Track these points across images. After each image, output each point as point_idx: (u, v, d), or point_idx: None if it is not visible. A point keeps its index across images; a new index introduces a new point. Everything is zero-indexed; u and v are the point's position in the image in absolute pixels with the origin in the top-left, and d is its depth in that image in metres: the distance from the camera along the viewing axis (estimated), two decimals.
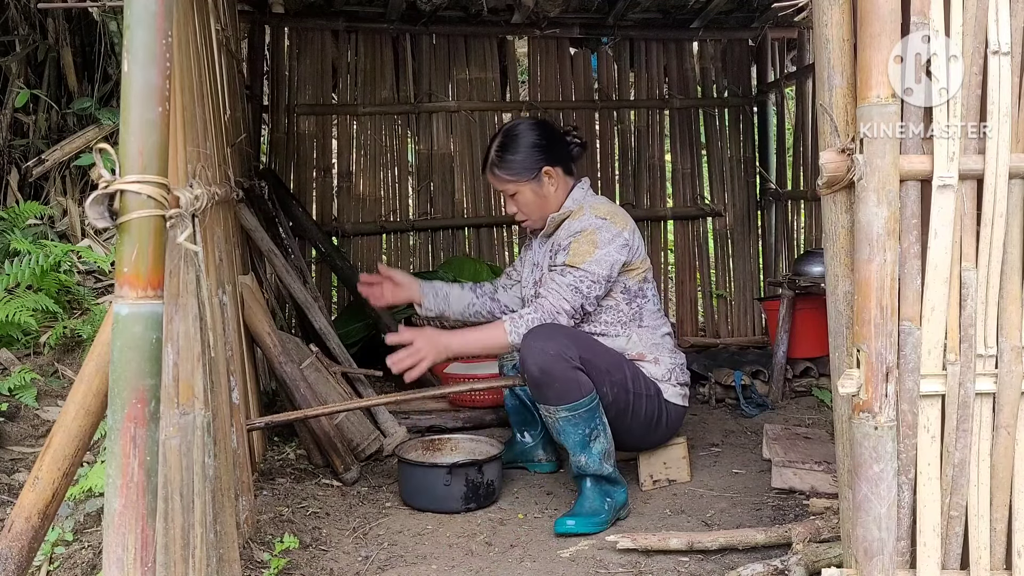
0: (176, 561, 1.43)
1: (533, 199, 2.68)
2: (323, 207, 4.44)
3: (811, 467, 2.65)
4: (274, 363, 2.86)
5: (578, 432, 2.42)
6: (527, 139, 2.66)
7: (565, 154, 2.73)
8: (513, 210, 2.75)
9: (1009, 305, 1.59)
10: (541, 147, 2.66)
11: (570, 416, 2.41)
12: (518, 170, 2.65)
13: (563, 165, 2.70)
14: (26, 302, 2.94)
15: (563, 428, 2.43)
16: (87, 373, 1.52)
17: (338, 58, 4.45)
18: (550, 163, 2.65)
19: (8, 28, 4.18)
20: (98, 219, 1.24)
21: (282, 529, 2.37)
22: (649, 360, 2.63)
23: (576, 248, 2.54)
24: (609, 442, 2.47)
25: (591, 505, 2.44)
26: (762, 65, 4.92)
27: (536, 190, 2.67)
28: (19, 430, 2.75)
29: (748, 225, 4.91)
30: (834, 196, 1.62)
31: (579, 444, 2.43)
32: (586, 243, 2.54)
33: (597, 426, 2.44)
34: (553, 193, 2.67)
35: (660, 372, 2.63)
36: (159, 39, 1.26)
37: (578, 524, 2.39)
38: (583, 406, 2.41)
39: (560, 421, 2.42)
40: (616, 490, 2.50)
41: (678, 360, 2.71)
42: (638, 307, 2.65)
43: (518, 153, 2.65)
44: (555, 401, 2.40)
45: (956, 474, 1.59)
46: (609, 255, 2.54)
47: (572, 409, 2.40)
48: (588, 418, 2.42)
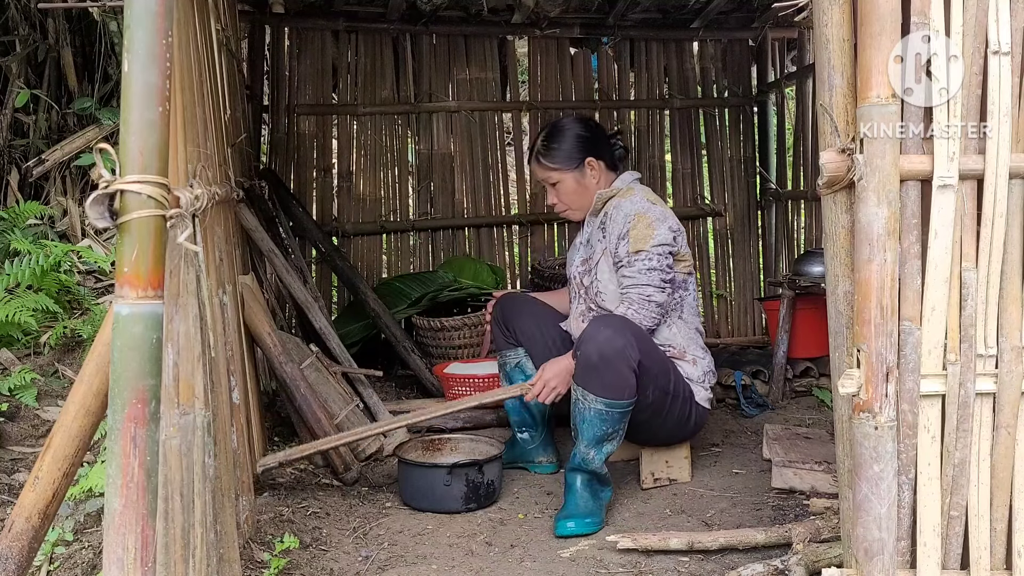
0: (176, 561, 1.43)
1: (574, 188, 2.78)
2: (323, 207, 4.44)
3: (811, 467, 2.65)
4: (274, 363, 2.86)
5: (602, 428, 2.44)
6: (572, 130, 2.79)
7: (608, 151, 2.83)
8: (553, 200, 2.85)
9: (1009, 305, 1.59)
10: (585, 139, 2.78)
11: (603, 411, 2.42)
12: (562, 159, 2.77)
13: (606, 160, 2.80)
14: (26, 302, 2.94)
15: (590, 418, 2.44)
16: (87, 373, 1.52)
17: (338, 58, 4.44)
18: (594, 155, 2.76)
19: (8, 28, 4.18)
20: (98, 219, 1.24)
21: (282, 529, 2.37)
22: (688, 360, 2.68)
23: (636, 234, 2.61)
24: (617, 446, 2.50)
25: (585, 505, 2.45)
26: (762, 65, 4.92)
27: (578, 179, 2.77)
28: (19, 430, 2.75)
29: (748, 225, 4.91)
30: (834, 196, 1.62)
31: (595, 438, 2.45)
32: (643, 227, 2.62)
33: (619, 429, 2.47)
34: (594, 185, 2.78)
35: (696, 374, 2.68)
36: (159, 39, 1.26)
37: (577, 525, 2.40)
38: (620, 407, 2.43)
39: (591, 411, 2.43)
40: (604, 489, 2.53)
41: (710, 362, 2.77)
42: (680, 298, 2.71)
43: (564, 143, 2.77)
44: (599, 391, 2.41)
45: (956, 474, 1.59)
46: (668, 233, 2.63)
47: (610, 405, 2.42)
48: (618, 419, 2.45)
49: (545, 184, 2.87)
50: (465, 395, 3.42)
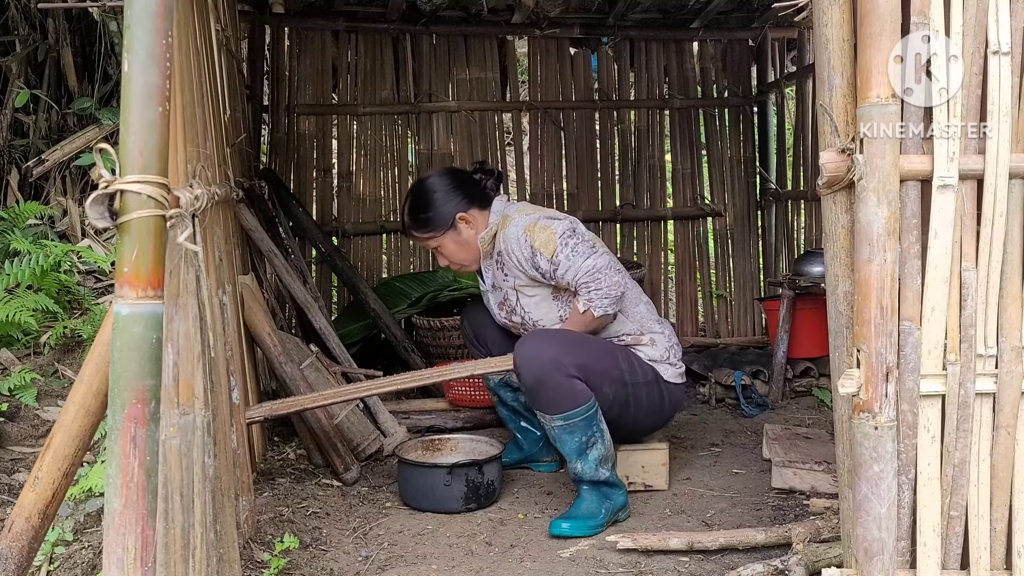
0: (176, 561, 1.43)
1: (456, 248, 2.70)
2: (323, 207, 4.44)
3: (811, 467, 2.65)
4: (274, 363, 2.86)
5: (574, 440, 2.42)
6: (436, 192, 2.67)
7: (478, 192, 2.72)
8: (444, 262, 2.77)
9: (1009, 305, 1.59)
10: (449, 195, 2.66)
11: (566, 424, 2.40)
12: (434, 225, 2.66)
13: (478, 204, 2.69)
14: (26, 302, 2.94)
15: (559, 436, 2.43)
16: (87, 373, 1.52)
17: (338, 58, 4.44)
18: (463, 208, 2.66)
19: (8, 28, 4.18)
20: (98, 219, 1.24)
21: (282, 529, 2.37)
22: (646, 342, 2.63)
23: (540, 243, 2.53)
24: (607, 447, 2.47)
25: (587, 508, 2.43)
26: (762, 65, 4.91)
27: (456, 239, 2.68)
28: (19, 430, 2.75)
29: (748, 225, 4.91)
30: (834, 196, 1.62)
31: (575, 451, 2.43)
32: (540, 232, 2.55)
33: (595, 433, 2.44)
34: (474, 235, 2.68)
35: (658, 353, 2.63)
36: (159, 39, 1.26)
37: (572, 527, 2.39)
38: (579, 415, 2.40)
39: (556, 429, 2.42)
40: (615, 492, 2.49)
41: (670, 334, 2.70)
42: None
43: (430, 209, 2.66)
44: (551, 409, 2.40)
45: (956, 474, 1.59)
46: (563, 224, 2.56)
47: (567, 418, 2.40)
48: (585, 426, 2.41)
49: (428, 248, 2.78)
50: (466, 395, 3.43)
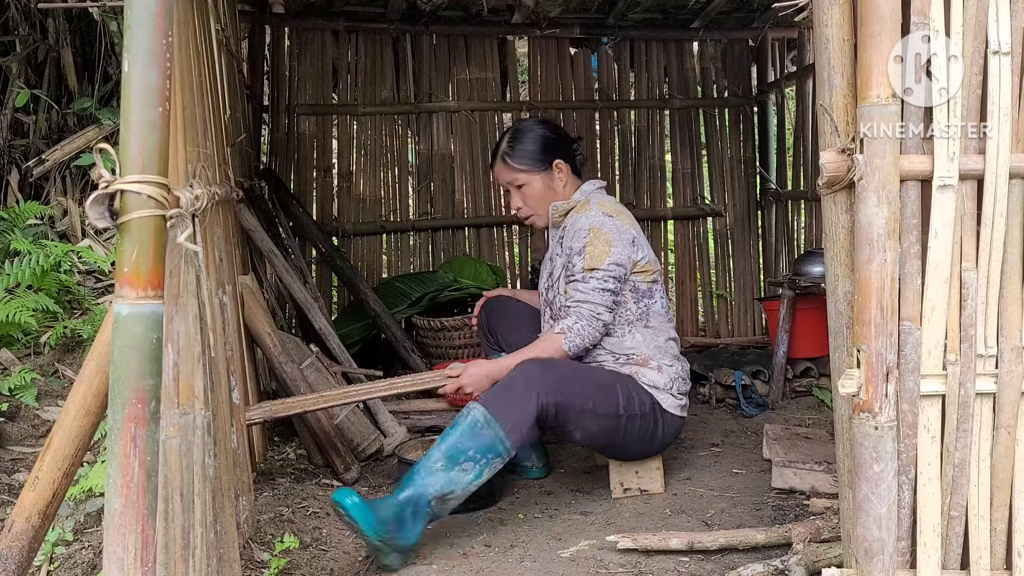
0: (176, 561, 1.43)
1: (542, 191, 2.71)
2: (323, 207, 4.44)
3: (811, 467, 2.65)
4: (274, 363, 2.86)
5: (465, 448, 2.25)
6: (538, 132, 2.72)
7: (572, 156, 2.77)
8: (519, 204, 2.74)
9: (1009, 305, 1.59)
10: (552, 140, 2.72)
11: (477, 426, 2.28)
12: (530, 160, 2.69)
13: (571, 164, 2.74)
14: (26, 302, 2.94)
15: (461, 429, 2.28)
16: (87, 373, 1.52)
17: (338, 58, 4.45)
18: (560, 157, 2.70)
19: (8, 28, 4.18)
20: (98, 219, 1.24)
21: (282, 529, 2.37)
22: (652, 367, 2.59)
23: (592, 251, 2.54)
24: (460, 492, 2.27)
25: (387, 513, 2.15)
26: (762, 65, 4.92)
27: (547, 182, 2.70)
28: (19, 430, 2.75)
29: (748, 225, 4.91)
30: (834, 196, 1.62)
31: (448, 458, 2.24)
32: (600, 243, 2.55)
33: (478, 469, 2.26)
34: (562, 188, 2.72)
35: (662, 380, 2.58)
36: (159, 39, 1.26)
37: (358, 510, 2.10)
38: (494, 443, 2.27)
39: (467, 421, 2.28)
40: (408, 531, 2.18)
41: (681, 369, 2.67)
42: (645, 307, 2.63)
43: (530, 144, 2.69)
44: (491, 404, 2.30)
45: (956, 474, 1.59)
46: (624, 251, 2.57)
47: (488, 425, 2.28)
48: (484, 451, 2.26)
49: (510, 188, 2.75)
50: (466, 395, 3.42)
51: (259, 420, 2.65)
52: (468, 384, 2.55)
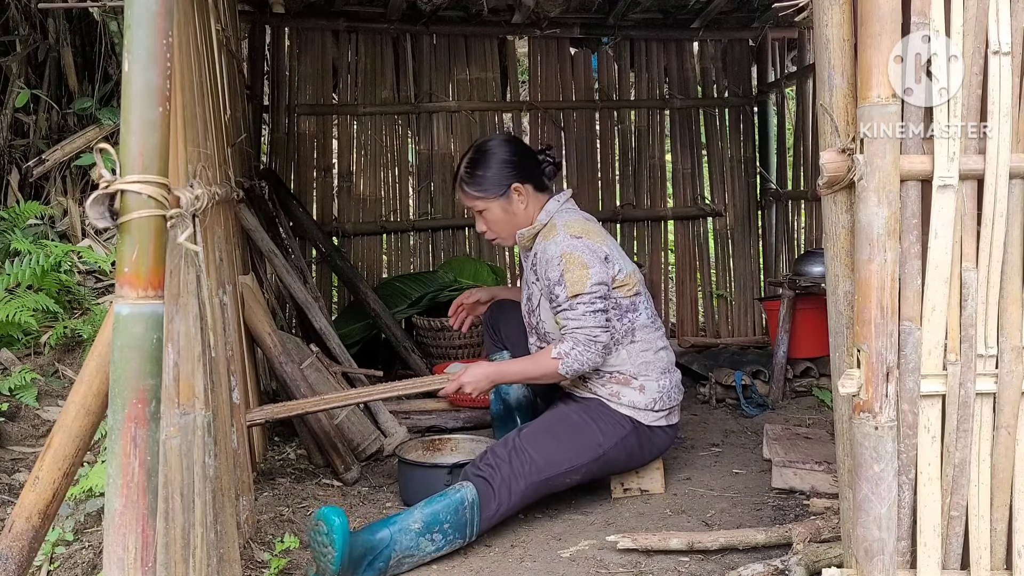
0: (176, 561, 1.43)
1: (502, 216, 2.65)
2: (323, 207, 4.44)
3: (811, 467, 2.65)
4: (274, 363, 2.86)
5: (442, 517, 2.23)
6: (498, 155, 2.63)
7: (537, 172, 2.69)
8: (482, 228, 2.72)
9: (1009, 305, 1.59)
10: (512, 163, 2.63)
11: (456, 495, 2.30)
12: (487, 186, 2.62)
13: (534, 182, 2.66)
14: (27, 302, 2.94)
15: (451, 502, 2.27)
16: (87, 373, 1.52)
17: (338, 58, 4.45)
18: (520, 180, 2.62)
19: (8, 28, 4.19)
20: (99, 219, 1.24)
21: (282, 529, 2.37)
22: (635, 386, 2.55)
23: (570, 277, 2.48)
24: (415, 562, 2.22)
25: (357, 551, 2.10)
26: (762, 65, 4.92)
27: (505, 207, 2.63)
28: (19, 430, 2.75)
29: (748, 225, 4.91)
30: (834, 196, 1.62)
31: (426, 523, 2.21)
32: (576, 267, 2.48)
33: (439, 548, 2.24)
34: (523, 210, 2.64)
35: (643, 400, 2.54)
36: (160, 39, 1.26)
37: (342, 542, 2.00)
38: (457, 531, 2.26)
39: (459, 496, 2.29)
40: (358, 574, 2.12)
41: (668, 383, 2.61)
42: (630, 322, 2.58)
43: (488, 169, 2.62)
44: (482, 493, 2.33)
45: (956, 474, 1.59)
46: (601, 270, 2.51)
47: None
48: (448, 532, 2.25)
49: (472, 211, 2.73)
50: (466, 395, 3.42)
51: (260, 421, 2.65)
52: (468, 384, 2.55)
